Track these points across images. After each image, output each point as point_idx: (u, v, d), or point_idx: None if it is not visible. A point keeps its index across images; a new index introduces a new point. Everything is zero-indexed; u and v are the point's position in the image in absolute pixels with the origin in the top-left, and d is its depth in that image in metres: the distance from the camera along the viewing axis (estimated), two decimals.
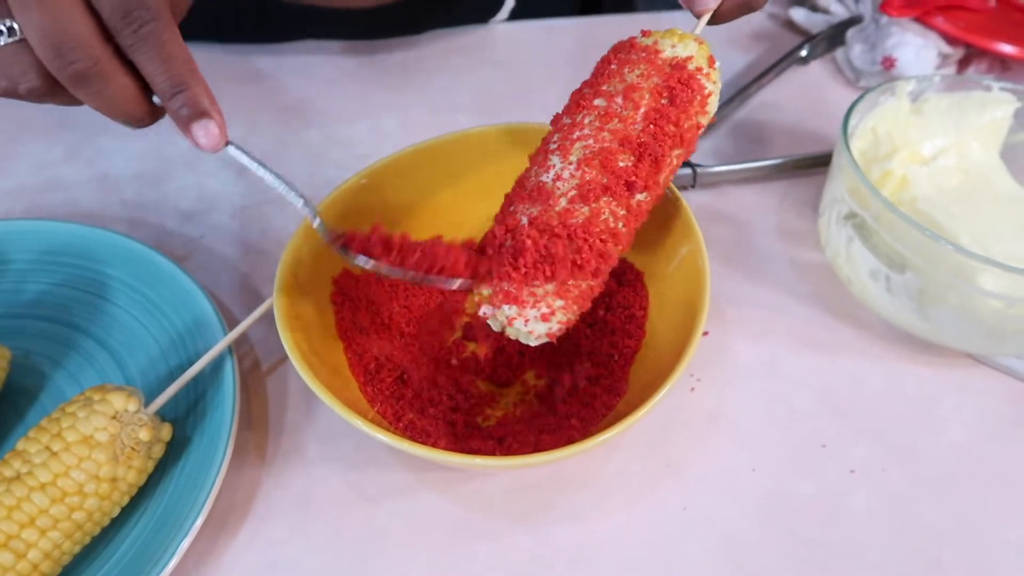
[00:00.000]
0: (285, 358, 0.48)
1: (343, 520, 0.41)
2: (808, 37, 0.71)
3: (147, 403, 0.39)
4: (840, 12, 0.73)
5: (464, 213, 0.51)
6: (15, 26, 0.30)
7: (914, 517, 0.42)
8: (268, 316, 0.49)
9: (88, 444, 0.36)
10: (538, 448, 0.40)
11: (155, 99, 0.33)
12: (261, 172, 0.36)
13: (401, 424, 0.41)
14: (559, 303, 0.37)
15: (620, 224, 0.38)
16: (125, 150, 0.61)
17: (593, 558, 0.40)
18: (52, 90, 0.32)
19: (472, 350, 0.48)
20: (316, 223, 0.38)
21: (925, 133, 0.53)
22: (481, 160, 0.50)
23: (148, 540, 0.38)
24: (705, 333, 0.50)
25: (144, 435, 0.37)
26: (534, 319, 0.37)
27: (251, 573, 0.39)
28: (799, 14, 0.73)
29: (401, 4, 0.66)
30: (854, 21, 0.70)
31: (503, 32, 0.74)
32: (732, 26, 0.42)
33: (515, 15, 0.75)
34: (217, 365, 0.44)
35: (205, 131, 0.32)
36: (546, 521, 0.42)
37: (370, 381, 0.43)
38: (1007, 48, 0.65)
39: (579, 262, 0.37)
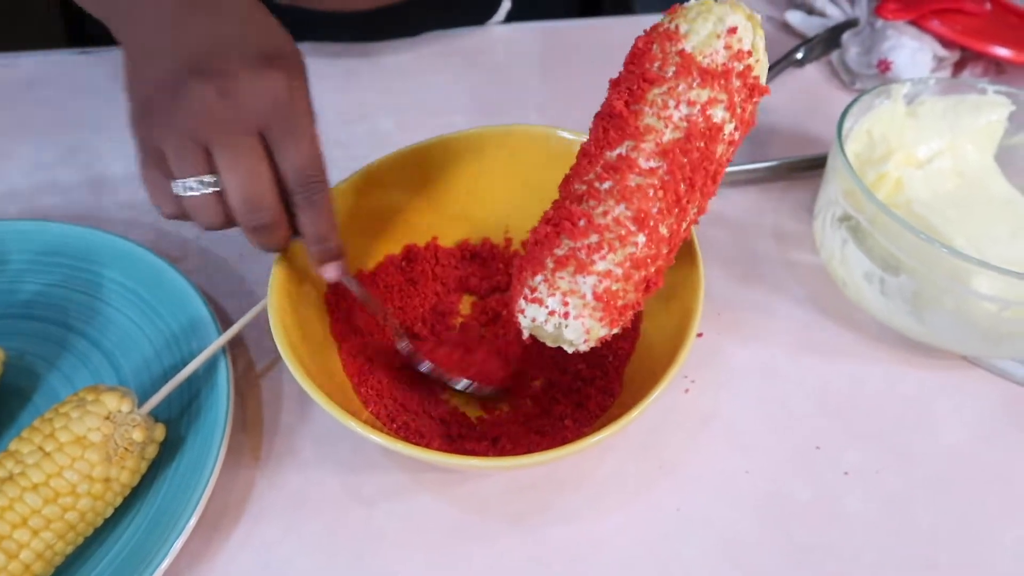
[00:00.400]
0: (280, 359, 0.48)
1: (338, 521, 0.41)
2: (804, 40, 0.71)
3: (141, 404, 0.39)
4: (836, 15, 0.73)
5: (461, 213, 0.51)
6: (215, 179, 0.36)
7: (909, 518, 0.42)
8: (263, 317, 0.49)
9: (81, 444, 0.36)
10: (532, 449, 0.40)
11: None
12: (364, 298, 0.44)
13: (395, 425, 0.41)
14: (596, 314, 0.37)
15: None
16: (120, 151, 0.61)
17: (588, 558, 0.40)
18: (226, 226, 0.39)
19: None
20: (402, 345, 0.45)
21: (920, 136, 0.53)
22: (478, 161, 0.50)
23: (141, 540, 0.38)
24: (699, 335, 0.50)
25: (137, 435, 0.37)
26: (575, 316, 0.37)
27: (245, 574, 0.39)
28: (795, 17, 0.74)
29: (398, 7, 0.67)
30: (850, 24, 0.71)
31: (500, 34, 0.74)
32: None
33: (512, 17, 0.75)
34: (211, 366, 0.44)
35: (333, 271, 0.41)
36: (541, 522, 0.42)
37: (364, 382, 0.43)
38: (1002, 51, 0.65)
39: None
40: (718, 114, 0.36)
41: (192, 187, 0.36)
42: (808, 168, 0.60)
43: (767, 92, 0.38)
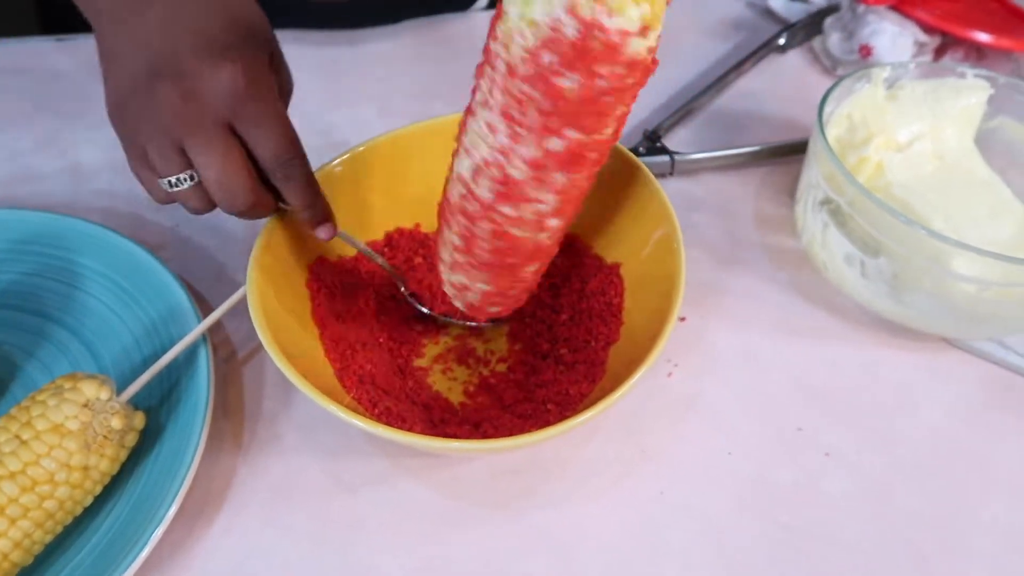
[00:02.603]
0: (261, 347, 0.48)
1: (320, 508, 0.41)
2: (786, 26, 0.71)
3: (120, 392, 0.39)
4: (818, 1, 0.73)
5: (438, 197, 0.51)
6: (195, 175, 0.38)
7: (888, 499, 0.43)
8: (244, 305, 0.49)
9: (59, 432, 0.35)
10: (514, 433, 0.40)
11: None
12: (366, 251, 0.46)
13: (377, 410, 0.41)
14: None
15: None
16: (97, 139, 0.60)
17: (572, 543, 0.40)
18: (213, 209, 0.40)
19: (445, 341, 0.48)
20: (406, 292, 0.48)
21: (900, 120, 0.53)
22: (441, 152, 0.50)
23: (122, 529, 0.38)
24: (682, 319, 0.50)
25: (116, 423, 0.37)
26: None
27: (227, 561, 0.39)
28: (777, 3, 0.74)
29: None
30: (832, 10, 0.71)
31: (482, 20, 0.73)
32: (710, 15, 0.42)
33: (494, 3, 0.75)
34: (191, 353, 0.43)
35: (325, 231, 0.42)
36: (525, 507, 0.42)
37: (346, 368, 0.43)
38: (982, 36, 0.66)
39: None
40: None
41: (176, 183, 0.38)
42: (789, 153, 0.60)
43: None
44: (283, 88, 0.42)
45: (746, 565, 0.40)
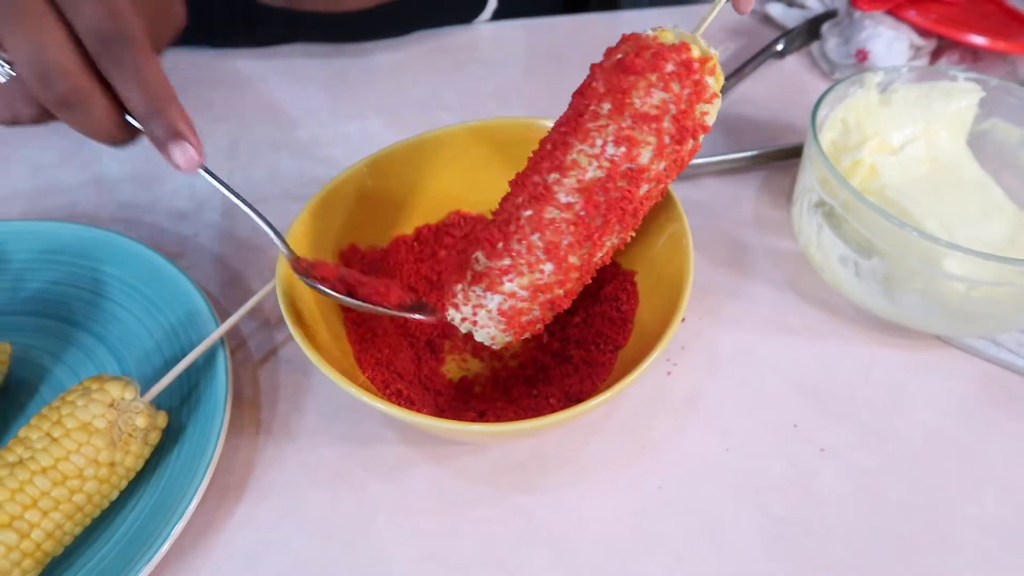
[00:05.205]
0: (276, 350, 0.50)
1: (332, 501, 0.43)
2: (784, 32, 0.72)
3: (143, 392, 0.41)
4: (816, 7, 0.74)
5: (443, 204, 0.53)
6: (9, 66, 0.32)
7: (881, 494, 0.44)
8: (259, 312, 0.51)
9: (87, 430, 0.38)
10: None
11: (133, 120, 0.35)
12: (233, 198, 0.38)
13: (388, 391, 0.43)
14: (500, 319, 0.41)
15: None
16: (119, 153, 0.63)
17: (572, 534, 0.42)
18: (48, 116, 0.34)
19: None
20: (285, 252, 0.41)
21: (894, 123, 0.55)
22: (462, 154, 0.52)
23: (145, 521, 0.40)
24: (682, 319, 0.52)
25: (140, 422, 0.39)
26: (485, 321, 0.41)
27: (245, 552, 0.41)
28: (776, 9, 0.75)
29: (386, 7, 0.68)
30: (829, 15, 0.72)
31: (487, 32, 0.75)
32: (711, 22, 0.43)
33: (498, 15, 0.77)
34: (210, 356, 0.45)
35: (182, 152, 0.34)
36: (528, 500, 0.43)
37: (364, 351, 0.45)
38: (978, 39, 0.67)
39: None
40: (645, 155, 0.38)
41: None
42: (787, 157, 0.61)
43: (708, 131, 0.39)
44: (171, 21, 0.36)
45: (740, 557, 0.41)
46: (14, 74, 0.33)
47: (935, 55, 0.70)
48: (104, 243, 0.52)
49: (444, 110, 0.67)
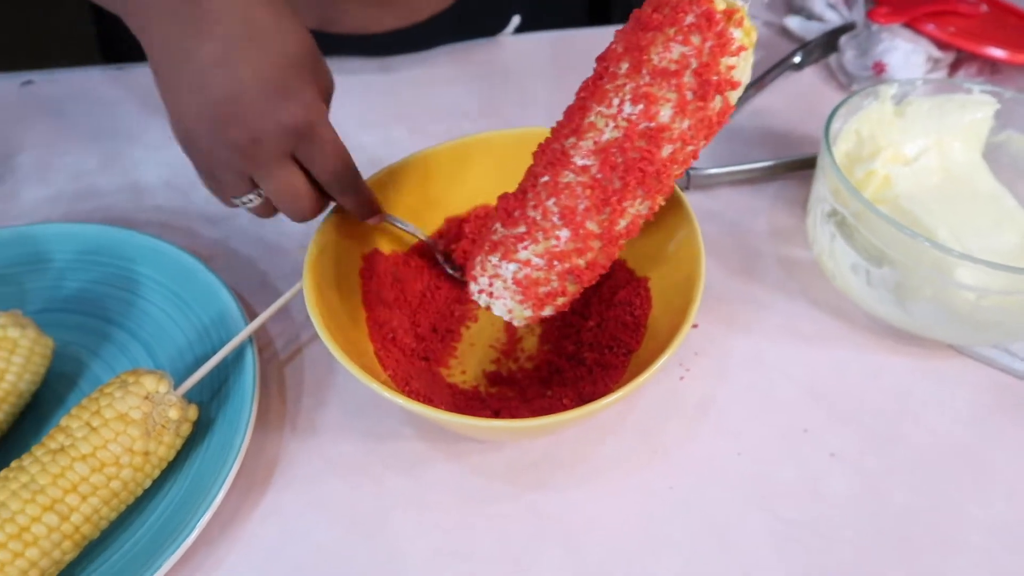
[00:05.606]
0: (301, 349, 0.52)
1: (353, 495, 0.45)
2: (802, 44, 0.73)
3: (176, 387, 0.43)
4: (834, 19, 0.75)
5: (465, 209, 0.55)
6: (261, 193, 0.44)
7: (889, 499, 0.44)
8: (286, 312, 0.53)
9: (124, 421, 0.40)
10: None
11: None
12: (408, 228, 0.51)
13: (408, 388, 0.45)
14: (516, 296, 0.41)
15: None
16: (155, 160, 0.65)
17: (583, 533, 0.43)
18: (273, 215, 0.47)
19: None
20: (441, 256, 0.53)
21: (907, 134, 0.56)
22: (484, 162, 0.54)
23: (176, 509, 0.42)
24: (695, 325, 0.53)
25: (173, 414, 0.41)
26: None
27: (270, 540, 0.43)
28: (794, 22, 0.76)
29: (413, 27, 0.70)
30: (847, 28, 0.73)
31: (510, 44, 0.77)
32: None
33: (522, 29, 0.78)
34: (239, 354, 0.47)
35: (375, 220, 0.49)
36: (540, 498, 0.45)
37: (385, 348, 0.47)
38: (997, 52, 0.67)
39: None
40: (665, 113, 0.36)
41: (246, 201, 0.44)
42: (802, 167, 0.62)
43: (736, 87, 0.36)
44: (326, 92, 0.44)
45: (748, 559, 0.42)
46: (263, 198, 0.45)
47: (953, 68, 0.70)
48: (140, 245, 0.54)
49: (466, 119, 0.69)
